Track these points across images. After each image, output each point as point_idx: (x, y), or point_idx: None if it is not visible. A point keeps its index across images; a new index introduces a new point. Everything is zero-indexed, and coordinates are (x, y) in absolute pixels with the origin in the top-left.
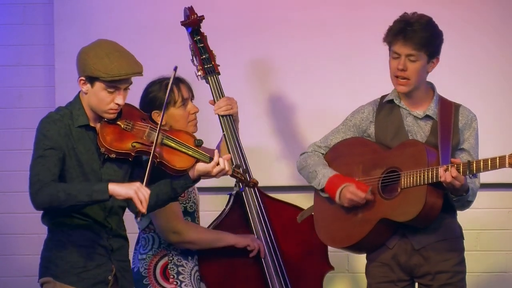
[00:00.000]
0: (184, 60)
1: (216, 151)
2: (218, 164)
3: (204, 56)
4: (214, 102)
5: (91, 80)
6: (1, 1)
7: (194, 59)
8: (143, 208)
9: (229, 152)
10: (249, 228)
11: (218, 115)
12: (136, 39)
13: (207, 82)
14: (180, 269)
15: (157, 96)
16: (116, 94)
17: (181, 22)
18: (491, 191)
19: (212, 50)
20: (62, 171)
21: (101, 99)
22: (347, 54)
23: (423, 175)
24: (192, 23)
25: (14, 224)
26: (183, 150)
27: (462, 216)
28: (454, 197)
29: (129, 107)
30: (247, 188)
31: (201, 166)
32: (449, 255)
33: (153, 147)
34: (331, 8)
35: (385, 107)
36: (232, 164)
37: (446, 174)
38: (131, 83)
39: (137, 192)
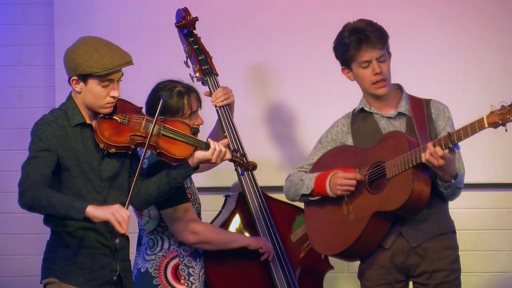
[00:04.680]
0: (183, 60)
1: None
2: (215, 149)
3: (201, 57)
4: None
5: (84, 78)
6: (1, 1)
7: (190, 60)
8: (122, 230)
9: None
10: (255, 230)
11: (216, 106)
12: (136, 39)
13: (204, 84)
14: (190, 270)
15: (168, 103)
16: (110, 88)
17: (175, 23)
18: (491, 191)
19: (208, 51)
20: (64, 171)
21: (96, 95)
22: None
23: (406, 160)
24: (188, 24)
25: (14, 224)
26: (181, 139)
27: (462, 216)
28: (444, 184)
29: (122, 101)
30: (246, 172)
31: (199, 154)
32: (445, 253)
33: (148, 138)
34: (334, 10)
35: (358, 117)
36: (230, 149)
37: (426, 153)
38: (122, 74)
39: (115, 214)
